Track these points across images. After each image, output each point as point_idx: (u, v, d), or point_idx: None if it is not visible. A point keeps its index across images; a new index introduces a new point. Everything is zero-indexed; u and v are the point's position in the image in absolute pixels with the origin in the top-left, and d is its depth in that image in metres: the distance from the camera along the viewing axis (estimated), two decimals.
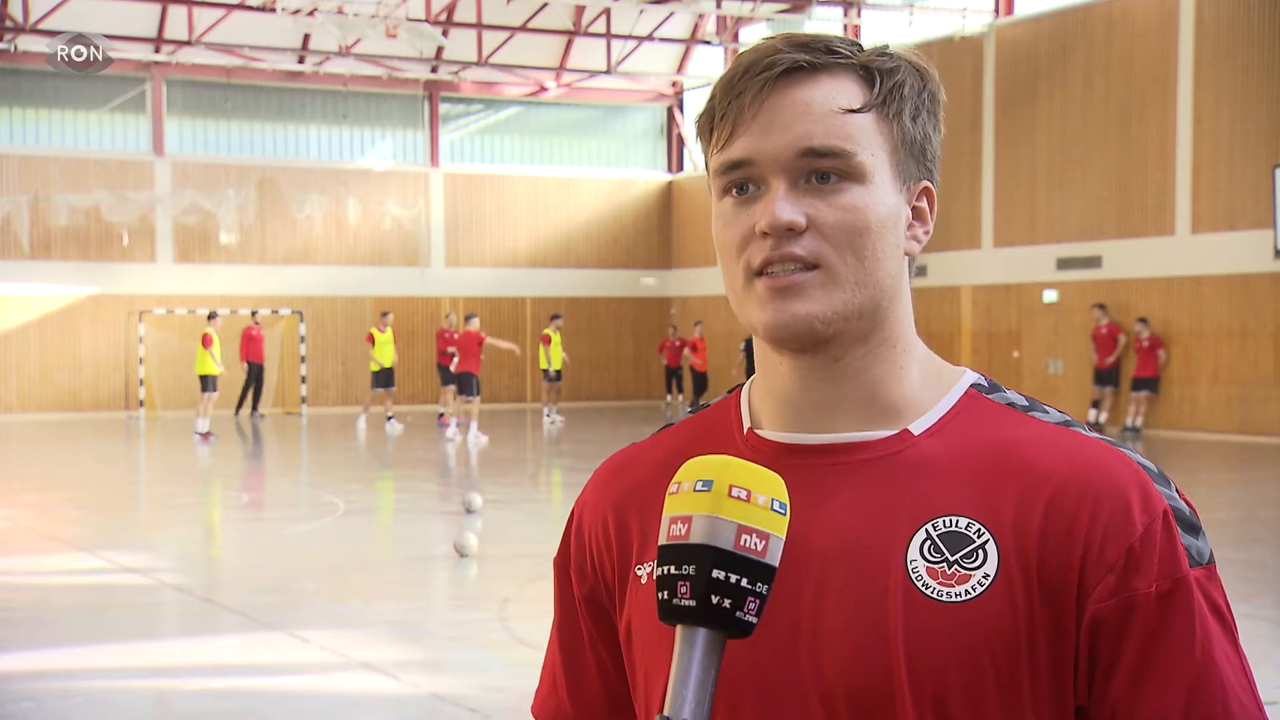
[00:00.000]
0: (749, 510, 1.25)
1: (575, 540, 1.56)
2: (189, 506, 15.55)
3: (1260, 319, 21.96)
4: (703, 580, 1.24)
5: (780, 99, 1.39)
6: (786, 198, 1.37)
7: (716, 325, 31.70)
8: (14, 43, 27.55)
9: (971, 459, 1.40)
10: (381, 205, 31.01)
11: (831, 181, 1.38)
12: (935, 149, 1.47)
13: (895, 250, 1.42)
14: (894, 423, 1.43)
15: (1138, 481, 1.36)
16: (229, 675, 8.12)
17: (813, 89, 1.39)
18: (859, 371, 1.43)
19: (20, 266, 28.53)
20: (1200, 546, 1.36)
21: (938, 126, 1.47)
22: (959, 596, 1.34)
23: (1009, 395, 1.46)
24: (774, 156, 1.38)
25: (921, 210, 1.46)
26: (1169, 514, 1.35)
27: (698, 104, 29.44)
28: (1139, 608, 1.32)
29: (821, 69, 1.40)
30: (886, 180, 1.41)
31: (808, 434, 1.44)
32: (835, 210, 1.38)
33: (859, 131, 1.39)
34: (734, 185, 1.41)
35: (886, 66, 1.42)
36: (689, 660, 1.25)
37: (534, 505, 15.92)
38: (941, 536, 1.36)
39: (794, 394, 1.44)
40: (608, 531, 1.53)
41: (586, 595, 1.55)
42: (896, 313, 1.44)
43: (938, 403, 1.44)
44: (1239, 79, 22.06)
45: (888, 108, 1.41)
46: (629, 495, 1.52)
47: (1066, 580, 1.34)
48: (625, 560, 1.51)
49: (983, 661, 1.33)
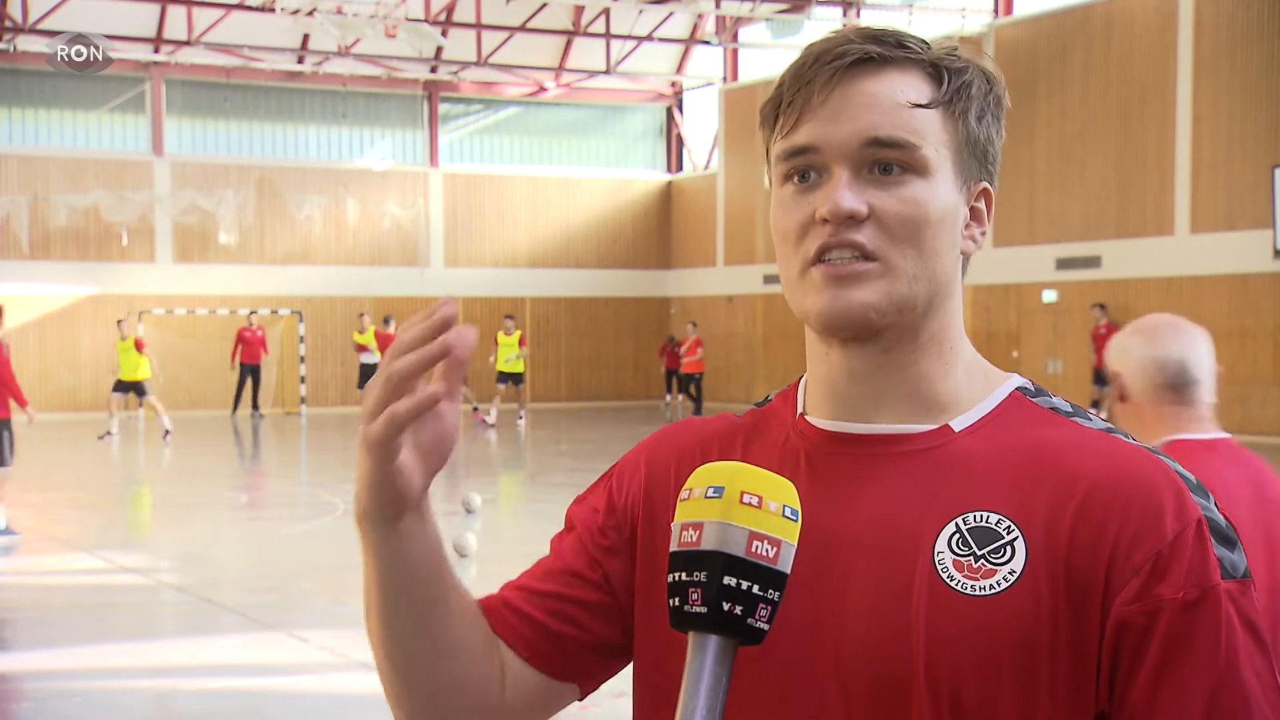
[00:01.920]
0: (760, 517, 1.24)
1: (617, 479, 1.56)
2: (188, 506, 15.54)
3: (1259, 319, 21.97)
4: (714, 587, 1.23)
5: (849, 88, 1.39)
6: (849, 185, 1.38)
7: (715, 325, 31.68)
8: (13, 43, 27.54)
9: (1009, 458, 1.39)
10: (381, 205, 31.01)
11: (894, 173, 1.39)
12: (996, 152, 1.47)
13: (952, 247, 1.43)
14: (936, 418, 1.43)
15: (1174, 489, 1.35)
16: (228, 675, 8.12)
17: (881, 81, 1.40)
18: (906, 365, 1.43)
19: (19, 266, 28.52)
20: (1235, 560, 1.34)
21: (1000, 131, 1.48)
22: (983, 591, 1.34)
23: (1054, 400, 1.46)
24: (839, 144, 1.38)
25: (979, 211, 1.46)
26: (1203, 523, 1.34)
27: (698, 104, 29.29)
28: (1164, 614, 1.31)
29: (890, 62, 1.40)
30: (948, 177, 1.41)
31: (852, 423, 1.45)
32: (897, 201, 1.38)
33: (924, 126, 1.40)
34: (796, 172, 1.41)
35: (955, 65, 1.43)
36: (700, 667, 1.24)
37: (533, 505, 15.91)
38: (971, 531, 1.36)
39: (840, 384, 1.45)
40: (642, 474, 1.54)
41: (604, 524, 1.53)
42: (948, 310, 1.45)
43: (981, 401, 1.44)
44: (1238, 79, 22.07)
45: (954, 106, 1.42)
46: (670, 457, 1.53)
47: (1093, 581, 1.33)
48: (650, 504, 1.52)
49: (1002, 656, 1.33)
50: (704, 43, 31.00)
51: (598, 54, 31.55)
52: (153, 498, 17.18)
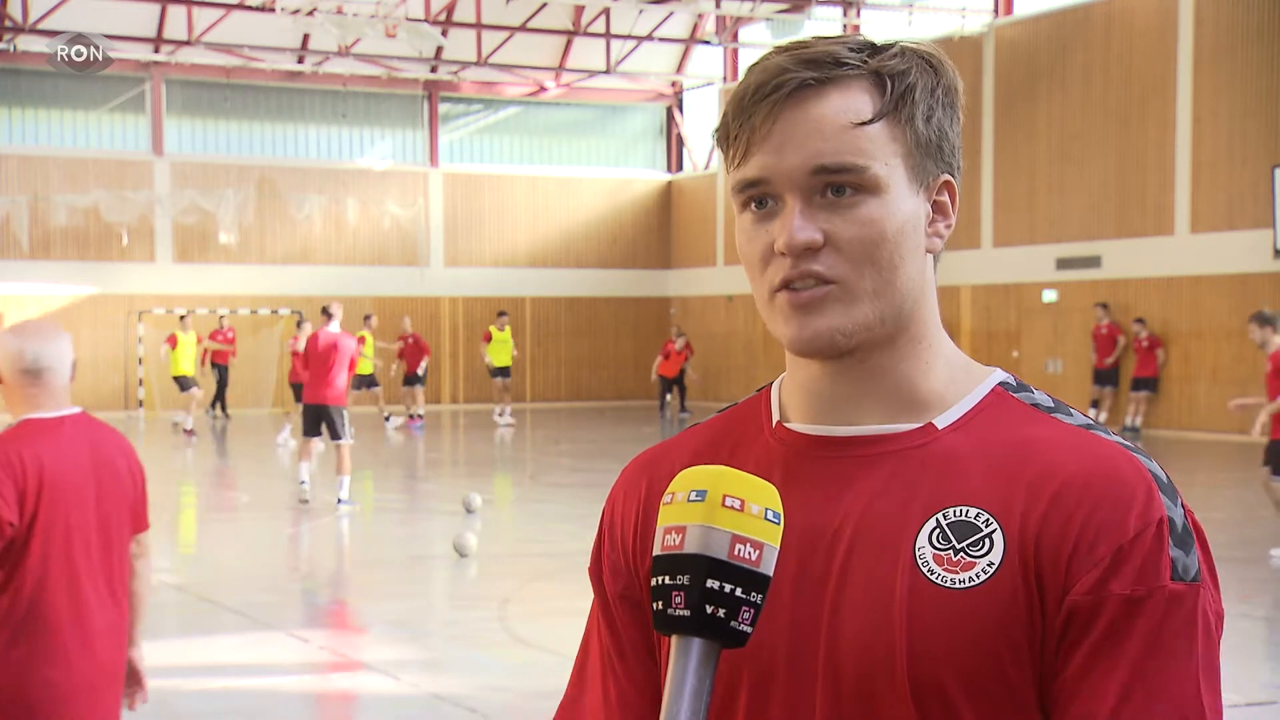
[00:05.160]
0: (743, 520, 1.26)
1: (608, 538, 1.57)
2: (188, 506, 15.56)
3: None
4: (697, 590, 1.24)
5: (791, 117, 1.40)
6: (802, 215, 1.39)
7: (715, 325, 31.68)
8: (13, 43, 27.55)
9: (990, 454, 1.41)
10: (381, 205, 31.01)
11: (847, 195, 1.40)
12: (953, 141, 1.47)
13: (915, 252, 1.44)
14: (919, 417, 1.45)
15: (1144, 486, 1.37)
16: (228, 675, 8.13)
17: (823, 104, 1.40)
18: (886, 370, 1.45)
19: (19, 266, 28.53)
20: (1188, 562, 1.36)
21: (955, 117, 1.47)
22: (962, 583, 1.36)
23: (1036, 396, 1.48)
24: (787, 175, 1.40)
25: (943, 204, 1.47)
26: (1164, 523, 1.36)
27: (698, 104, 29.21)
28: (1107, 608, 1.34)
29: (830, 82, 1.41)
30: (902, 185, 1.42)
31: (834, 426, 1.46)
32: (851, 225, 1.40)
33: (871, 144, 1.40)
34: (752, 200, 1.43)
35: (897, 70, 1.42)
36: (684, 670, 1.25)
37: (533, 505, 15.92)
38: (951, 525, 1.39)
39: (822, 389, 1.47)
40: (636, 527, 1.54)
41: (621, 592, 1.55)
42: (922, 311, 1.46)
43: (963, 399, 1.46)
44: (1238, 79, 22.06)
45: (900, 113, 1.42)
46: (655, 491, 1.52)
47: (1056, 571, 1.36)
48: (643, 540, 1.53)
49: (982, 647, 1.35)
50: (704, 43, 30.99)
51: (598, 54, 31.55)
52: (152, 498, 17.18)
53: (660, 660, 1.52)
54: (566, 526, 13.71)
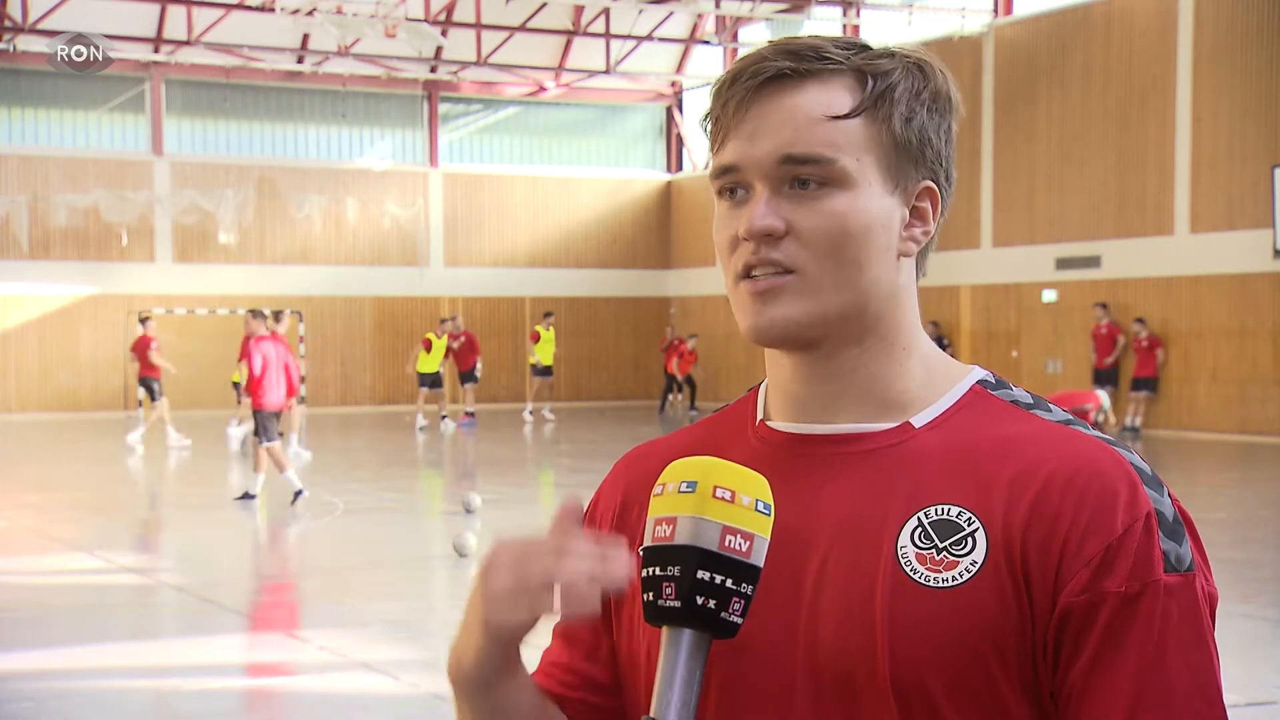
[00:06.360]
0: (733, 511, 1.26)
1: (588, 526, 1.57)
2: (188, 506, 15.56)
3: (1259, 318, 21.97)
4: (687, 581, 1.25)
5: (765, 106, 1.41)
6: (767, 204, 1.40)
7: (716, 326, 31.68)
8: (13, 43, 27.55)
9: (969, 452, 1.41)
10: (380, 205, 31.01)
11: (811, 187, 1.40)
12: (939, 147, 1.45)
13: (885, 253, 1.43)
14: (895, 416, 1.45)
15: (1128, 481, 1.37)
16: (228, 675, 8.13)
17: (799, 95, 1.40)
18: (856, 368, 1.45)
19: (19, 266, 28.54)
20: (1181, 553, 1.36)
21: (943, 125, 1.45)
22: (945, 583, 1.36)
23: (1014, 393, 1.48)
24: (756, 163, 1.40)
25: (922, 210, 1.46)
26: (1152, 516, 1.36)
27: (698, 103, 29.40)
28: (1105, 606, 1.33)
29: (810, 75, 1.41)
30: (875, 184, 1.41)
31: (812, 424, 1.47)
32: (815, 216, 1.40)
33: (844, 138, 1.40)
34: (726, 189, 1.44)
35: (881, 69, 1.42)
36: (674, 661, 1.26)
37: (533, 505, 15.92)
38: (933, 524, 1.38)
39: (797, 388, 1.47)
40: (614, 517, 1.55)
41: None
42: (894, 313, 1.45)
43: (941, 398, 1.46)
44: (1238, 79, 22.06)
45: (878, 111, 1.41)
46: (639, 485, 1.52)
47: (1045, 571, 1.35)
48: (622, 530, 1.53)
49: (965, 646, 1.35)
50: (704, 42, 31.00)
51: (597, 54, 31.55)
52: (152, 497, 17.19)
53: (611, 626, 1.53)
54: None
